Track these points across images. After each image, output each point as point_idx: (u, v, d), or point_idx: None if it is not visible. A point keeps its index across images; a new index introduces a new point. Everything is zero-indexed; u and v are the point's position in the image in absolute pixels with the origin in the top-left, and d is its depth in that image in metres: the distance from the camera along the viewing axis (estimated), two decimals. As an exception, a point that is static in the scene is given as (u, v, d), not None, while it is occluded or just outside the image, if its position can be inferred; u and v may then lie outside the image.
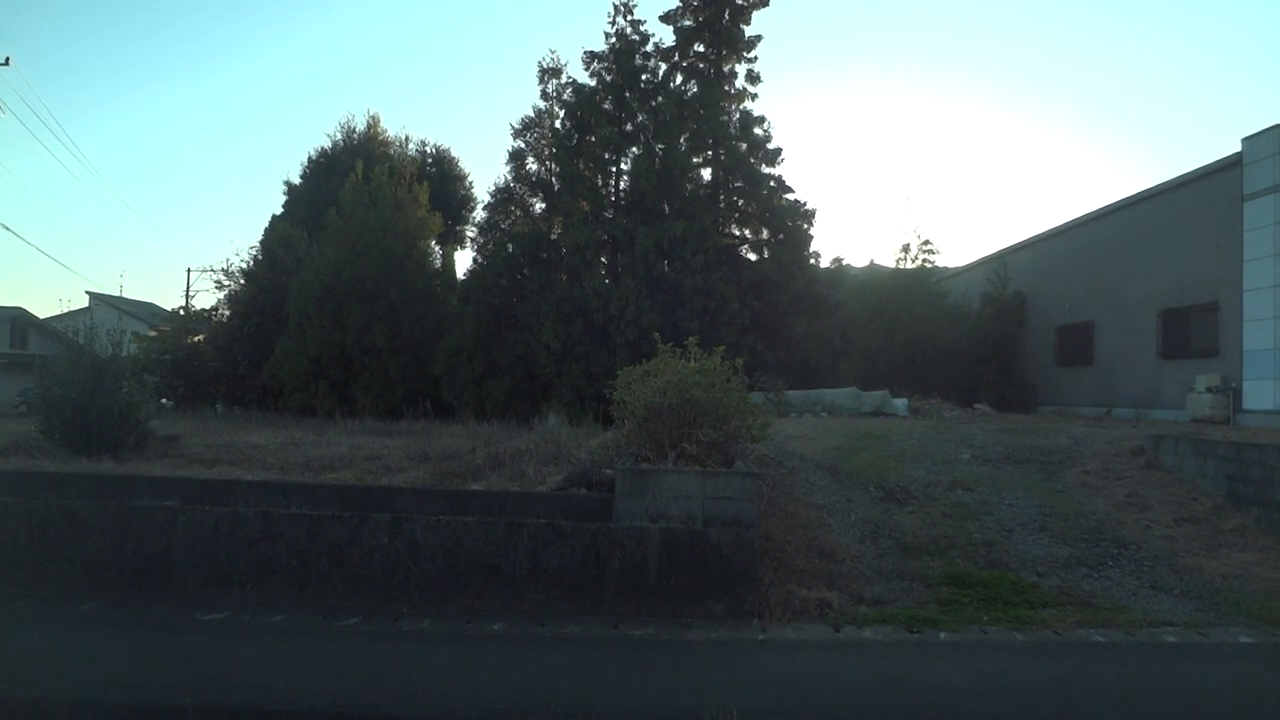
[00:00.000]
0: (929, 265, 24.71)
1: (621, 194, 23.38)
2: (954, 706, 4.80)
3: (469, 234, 33.59)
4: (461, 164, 37.72)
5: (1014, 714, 4.75)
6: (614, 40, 23.37)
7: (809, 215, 22.95)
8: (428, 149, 36.38)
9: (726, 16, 23.61)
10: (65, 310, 42.03)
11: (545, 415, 16.47)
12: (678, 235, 20.81)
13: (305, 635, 6.05)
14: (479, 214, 28.03)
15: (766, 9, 24.05)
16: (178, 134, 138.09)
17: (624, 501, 7.34)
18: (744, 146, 23.35)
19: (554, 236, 23.64)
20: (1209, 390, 14.90)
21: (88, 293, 45.75)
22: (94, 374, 12.07)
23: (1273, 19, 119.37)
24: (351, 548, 6.77)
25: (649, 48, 23.58)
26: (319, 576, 6.75)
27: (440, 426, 16.34)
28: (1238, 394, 14.61)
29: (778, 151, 23.31)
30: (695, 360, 8.44)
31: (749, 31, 23.93)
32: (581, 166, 22.93)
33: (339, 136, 34.57)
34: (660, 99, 22.73)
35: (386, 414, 20.91)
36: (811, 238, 22.95)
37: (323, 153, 34.22)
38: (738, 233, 24.27)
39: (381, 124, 35.27)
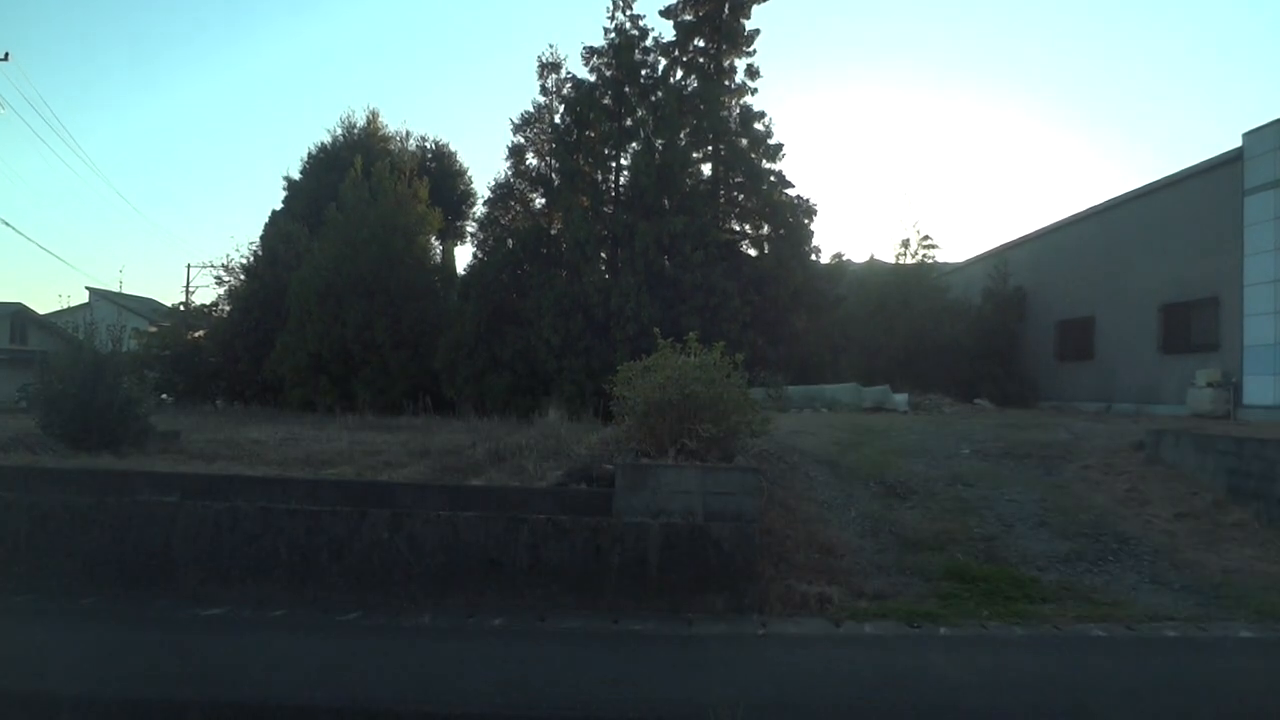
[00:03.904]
0: (929, 261, 24.73)
1: (621, 189, 23.34)
2: (954, 701, 4.80)
3: (469, 229, 33.56)
4: (461, 159, 37.66)
5: (1014, 708, 4.75)
6: (614, 35, 23.31)
7: (809, 211, 22.92)
8: (427, 144, 36.32)
9: (726, 11, 23.53)
10: (65, 306, 41.87)
11: (545, 411, 16.45)
12: (678, 231, 20.78)
13: (305, 630, 6.05)
14: (479, 209, 28.06)
15: (766, 3, 24.01)
16: (176, 130, 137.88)
17: (624, 497, 7.34)
18: (744, 142, 23.31)
19: (554, 232, 23.60)
20: (1209, 385, 14.91)
21: (88, 288, 45.67)
22: (94, 370, 12.05)
23: (1274, 15, 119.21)
24: (352, 543, 6.77)
25: (649, 43, 23.52)
26: (319, 572, 6.75)
27: (440, 422, 16.34)
28: (1238, 389, 14.62)
29: (778, 147, 23.27)
30: (695, 356, 8.43)
31: (749, 26, 23.85)
32: (581, 162, 22.89)
33: (339, 132, 34.49)
34: (660, 94, 22.67)
35: (387, 409, 20.89)
36: (812, 233, 22.92)
37: (323, 148, 34.15)
38: (738, 228, 24.24)
39: (381, 119, 35.21)
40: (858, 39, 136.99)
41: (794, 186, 23.10)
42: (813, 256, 22.96)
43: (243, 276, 28.62)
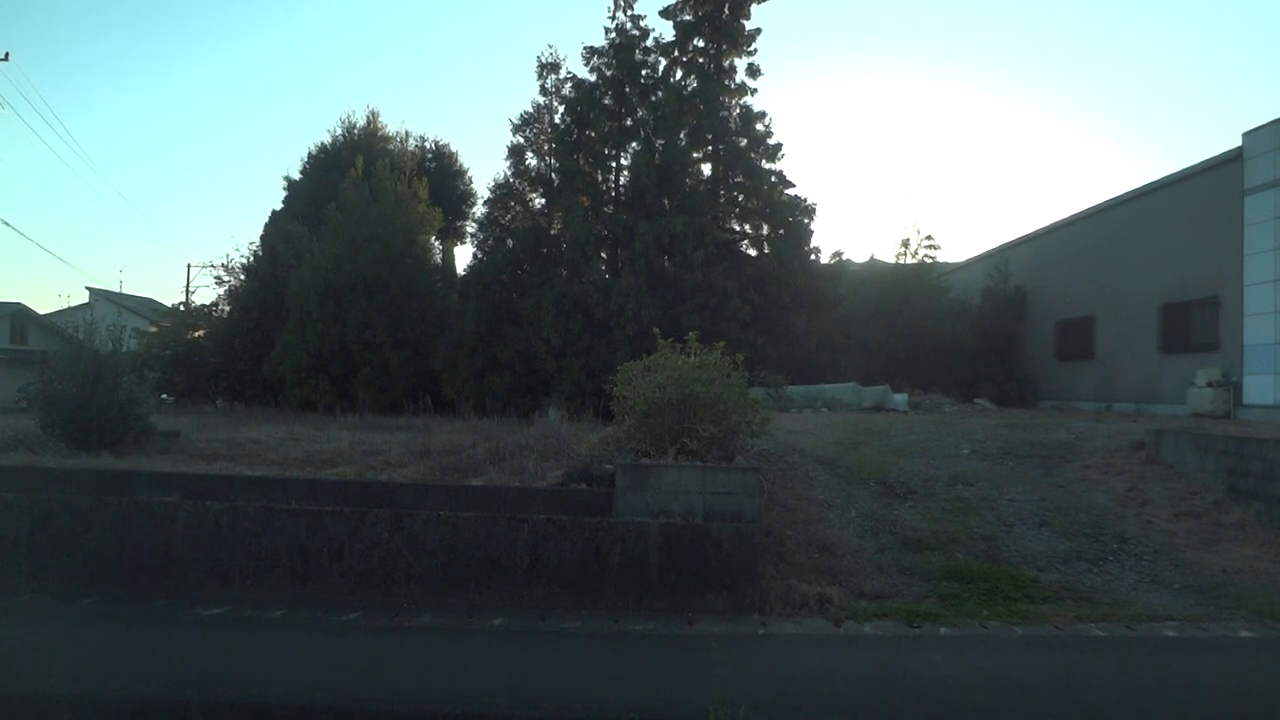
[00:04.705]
0: (929, 260, 24.73)
1: (621, 189, 23.34)
2: (955, 701, 4.80)
3: (469, 229, 33.59)
4: (461, 159, 37.74)
5: (1015, 708, 4.74)
6: (614, 35, 23.32)
7: (809, 210, 22.91)
8: (427, 144, 36.38)
9: (726, 11, 23.54)
10: (65, 306, 41.94)
11: (545, 410, 16.46)
12: (678, 230, 20.77)
13: (306, 630, 6.05)
14: (479, 209, 28.05)
15: (766, 3, 24.04)
16: (177, 130, 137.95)
17: (624, 496, 7.34)
18: (744, 142, 23.31)
19: (554, 232, 23.60)
20: (1209, 385, 14.92)
21: (88, 288, 45.75)
22: (94, 370, 12.06)
23: (1274, 12, 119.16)
24: (352, 543, 6.78)
25: (649, 43, 23.52)
26: (319, 571, 6.76)
27: (440, 422, 16.33)
28: (1238, 388, 14.63)
29: (778, 147, 23.27)
30: (695, 355, 8.44)
31: (749, 26, 23.87)
32: (581, 162, 22.89)
33: (339, 132, 34.58)
34: (660, 94, 22.66)
35: (387, 409, 20.89)
36: (812, 233, 22.90)
37: (323, 148, 34.20)
38: (738, 228, 24.23)
39: (381, 119, 35.28)
40: (858, 39, 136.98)
41: (794, 186, 23.13)
42: (813, 256, 22.96)
43: (243, 276, 28.60)
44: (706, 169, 23.99)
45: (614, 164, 23.47)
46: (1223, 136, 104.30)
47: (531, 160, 24.82)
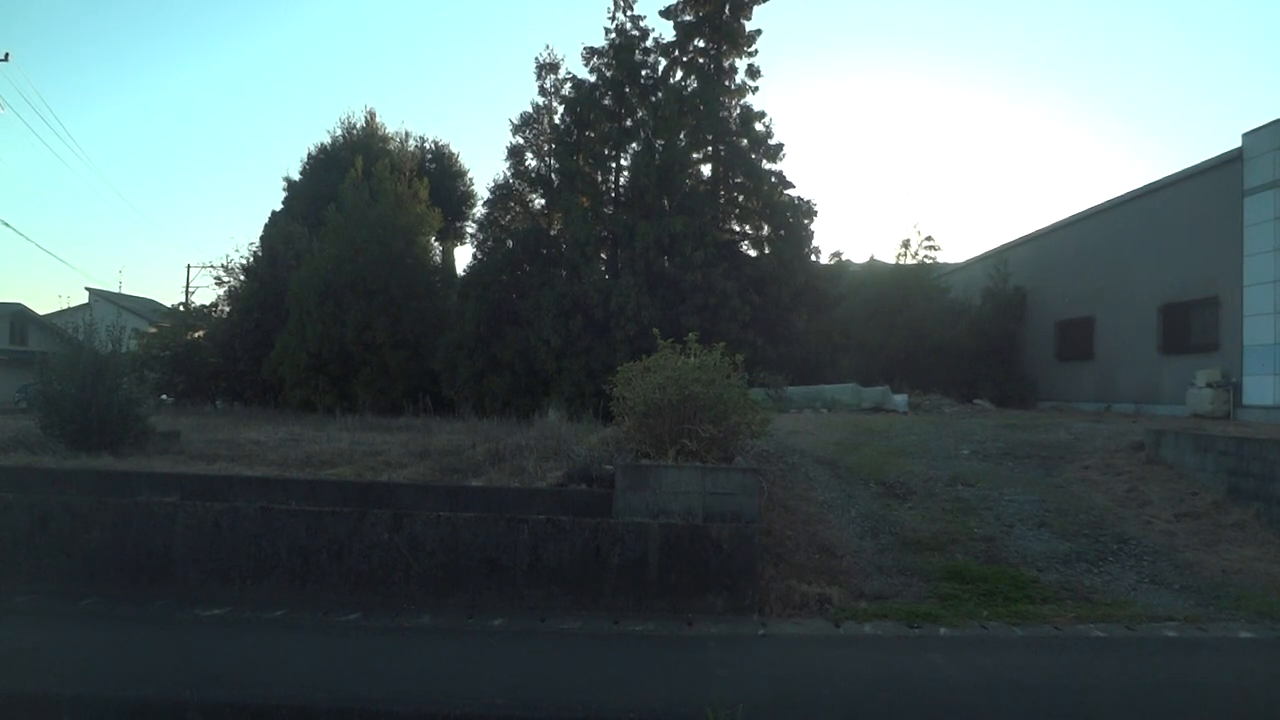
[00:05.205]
0: (929, 261, 24.75)
1: (621, 190, 23.36)
2: (954, 702, 4.80)
3: (469, 230, 33.63)
4: (461, 160, 37.77)
5: (1014, 709, 4.74)
6: (614, 36, 23.34)
7: (810, 211, 22.94)
8: (427, 145, 36.42)
9: (727, 11, 23.55)
10: (65, 306, 41.98)
11: (545, 411, 16.46)
12: (678, 231, 20.78)
13: (305, 631, 6.04)
14: (479, 210, 28.11)
15: (767, 3, 24.03)
16: (177, 130, 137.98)
17: (624, 497, 7.34)
18: (744, 142, 23.32)
19: (554, 232, 23.63)
20: (1209, 385, 14.93)
21: (87, 289, 45.81)
22: (94, 370, 12.06)
23: (1274, 12, 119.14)
24: (352, 543, 6.77)
25: (649, 43, 23.56)
26: (319, 572, 6.75)
27: (440, 422, 16.34)
28: (1238, 389, 14.63)
29: (778, 147, 23.29)
30: (695, 356, 8.43)
31: (749, 26, 23.89)
32: (581, 162, 22.91)
33: (339, 132, 34.64)
34: (660, 94, 22.68)
35: (386, 410, 20.90)
36: (812, 233, 22.95)
37: (322, 149, 34.23)
38: (738, 228, 24.25)
39: (379, 119, 35.34)
40: (858, 39, 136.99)
41: (794, 186, 23.17)
42: (813, 257, 22.99)
43: (242, 277, 28.62)
44: (706, 169, 24.01)
45: (614, 164, 23.49)
46: (1223, 136, 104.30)
47: (531, 161, 24.88)
